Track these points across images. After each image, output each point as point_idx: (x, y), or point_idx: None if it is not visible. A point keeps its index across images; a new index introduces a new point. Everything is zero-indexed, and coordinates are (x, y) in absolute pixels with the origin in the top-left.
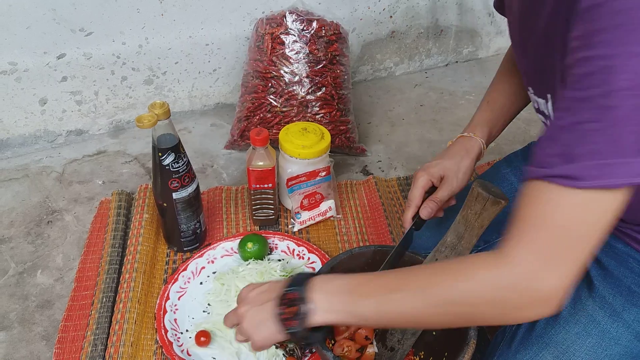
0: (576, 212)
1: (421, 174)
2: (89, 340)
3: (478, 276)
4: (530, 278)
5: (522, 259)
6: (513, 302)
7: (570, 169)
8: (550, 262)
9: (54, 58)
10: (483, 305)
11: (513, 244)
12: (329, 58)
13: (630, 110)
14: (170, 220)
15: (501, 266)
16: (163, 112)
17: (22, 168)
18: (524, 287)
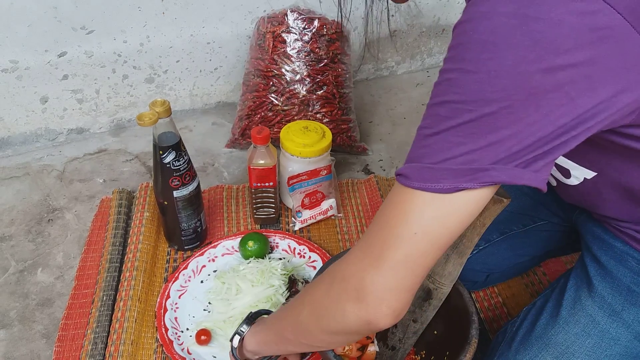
0: (403, 211)
1: None
2: (89, 338)
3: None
4: (354, 271)
5: (352, 255)
6: (340, 296)
7: (406, 167)
8: (374, 258)
9: (55, 56)
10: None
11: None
12: (330, 57)
13: (459, 122)
14: (171, 219)
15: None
16: (164, 110)
17: (23, 166)
18: (350, 279)
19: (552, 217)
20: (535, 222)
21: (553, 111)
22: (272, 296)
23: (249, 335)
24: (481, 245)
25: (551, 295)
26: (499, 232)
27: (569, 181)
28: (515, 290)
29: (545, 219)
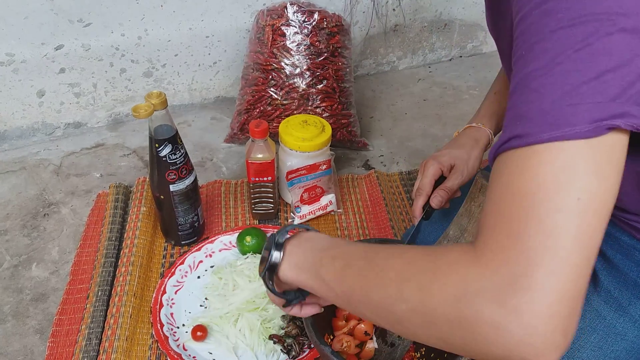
0: (547, 177)
1: (431, 163)
2: (84, 334)
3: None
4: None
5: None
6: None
7: (518, 127)
8: (527, 257)
9: (52, 49)
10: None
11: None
12: (330, 50)
13: (583, 45)
14: (167, 213)
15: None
16: (160, 102)
17: (19, 160)
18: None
19: None
20: None
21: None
22: None
23: (288, 269)
24: None
25: None
26: None
27: None
28: None
29: None
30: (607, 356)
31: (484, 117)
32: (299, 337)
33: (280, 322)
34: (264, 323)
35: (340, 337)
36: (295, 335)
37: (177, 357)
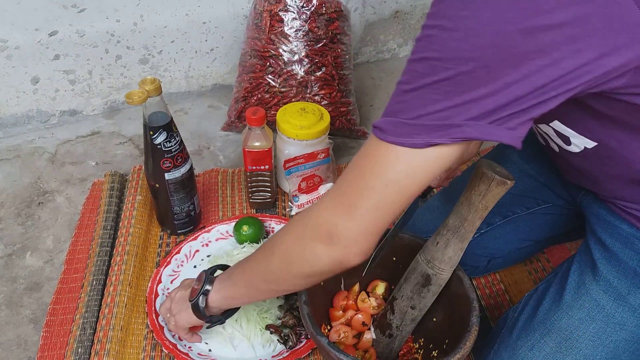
0: (376, 164)
1: None
2: (78, 323)
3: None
4: (328, 218)
5: (325, 204)
6: (310, 237)
7: (382, 121)
8: (347, 206)
9: (46, 35)
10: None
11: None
12: (329, 37)
13: (435, 80)
14: (163, 202)
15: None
16: (154, 88)
17: (13, 148)
18: (323, 225)
19: (557, 199)
20: (539, 205)
21: (533, 72)
22: None
23: (215, 293)
24: (482, 228)
25: (554, 280)
26: (501, 215)
27: (570, 148)
28: (518, 277)
29: (550, 202)
30: (606, 346)
31: None
32: (296, 327)
33: (277, 313)
34: (261, 313)
35: (337, 327)
36: (292, 325)
37: (172, 347)
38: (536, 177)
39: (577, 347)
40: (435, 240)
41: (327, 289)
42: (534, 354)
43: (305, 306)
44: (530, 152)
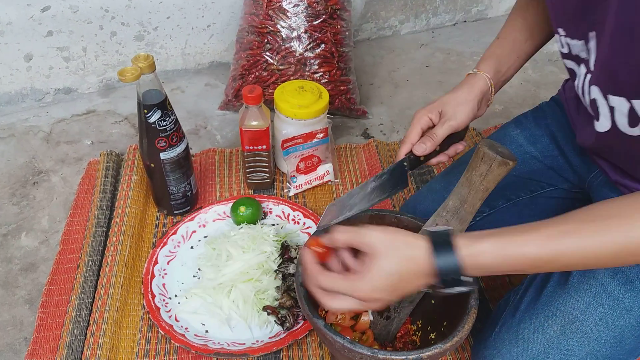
0: None
1: (419, 112)
2: (74, 304)
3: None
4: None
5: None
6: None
7: None
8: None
9: (38, 10)
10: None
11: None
12: (329, 12)
13: None
14: (158, 182)
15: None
16: (147, 65)
17: (7, 127)
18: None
19: (563, 182)
20: (543, 189)
21: None
22: (264, 263)
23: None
24: (485, 211)
25: None
26: (504, 198)
27: (633, 130)
28: None
29: (555, 185)
30: (612, 330)
31: (481, 63)
32: (293, 308)
33: (274, 294)
34: (258, 294)
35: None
36: (290, 306)
37: (168, 328)
38: (541, 159)
39: (582, 331)
40: (435, 221)
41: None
42: (537, 337)
43: (302, 288)
44: (535, 134)
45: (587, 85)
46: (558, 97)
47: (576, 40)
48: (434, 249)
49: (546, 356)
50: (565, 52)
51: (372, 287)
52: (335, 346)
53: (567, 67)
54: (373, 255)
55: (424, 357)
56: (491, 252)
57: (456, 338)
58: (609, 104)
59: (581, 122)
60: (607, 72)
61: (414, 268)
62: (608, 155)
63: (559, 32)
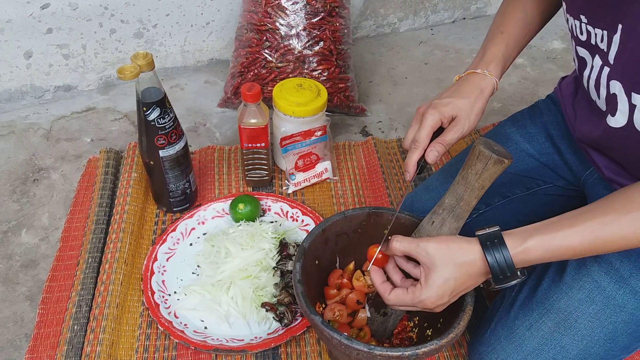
0: None
1: (431, 112)
2: (74, 301)
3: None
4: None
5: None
6: None
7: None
8: None
9: (38, 8)
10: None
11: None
12: (327, 10)
13: None
14: (158, 180)
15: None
16: (146, 63)
17: (7, 124)
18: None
19: (558, 180)
20: (539, 186)
21: None
22: (262, 260)
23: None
24: (481, 209)
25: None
26: (500, 195)
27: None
28: None
29: (550, 182)
30: (605, 327)
31: (490, 63)
32: (291, 305)
33: (272, 290)
34: (256, 291)
35: (332, 306)
36: (288, 303)
37: (168, 324)
38: (537, 156)
39: (576, 328)
40: (431, 219)
41: (322, 268)
42: (532, 334)
43: (300, 285)
44: (531, 132)
45: (604, 78)
46: (554, 95)
47: (599, 30)
48: (486, 252)
49: (540, 352)
50: (584, 39)
51: (436, 297)
52: (332, 342)
53: (579, 56)
54: (432, 265)
55: (420, 353)
56: (538, 247)
57: (452, 334)
58: (630, 101)
59: (587, 117)
60: (636, 70)
61: (471, 271)
62: (610, 151)
63: (581, 19)
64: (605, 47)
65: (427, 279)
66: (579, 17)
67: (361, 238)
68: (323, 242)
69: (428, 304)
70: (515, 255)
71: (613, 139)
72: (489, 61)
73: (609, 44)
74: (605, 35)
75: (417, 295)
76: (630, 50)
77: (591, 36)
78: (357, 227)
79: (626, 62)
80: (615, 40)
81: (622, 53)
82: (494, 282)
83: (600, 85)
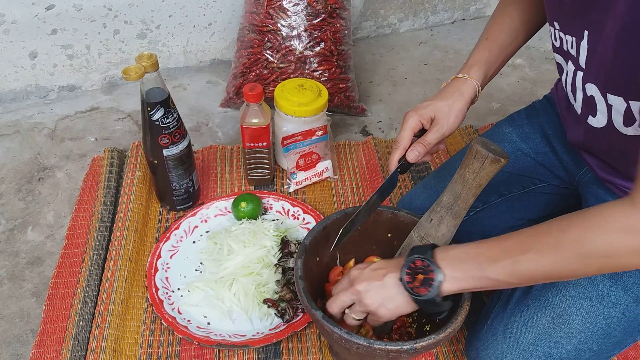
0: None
1: (411, 115)
2: (79, 297)
3: (610, 226)
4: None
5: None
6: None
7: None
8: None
9: (43, 9)
10: (622, 255)
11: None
12: (328, 11)
13: None
14: (161, 178)
15: (634, 214)
16: (151, 64)
17: (13, 124)
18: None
19: (554, 179)
20: (535, 185)
21: None
22: (264, 257)
23: (453, 283)
24: (478, 206)
25: None
26: (497, 193)
27: (627, 130)
28: None
29: (546, 181)
30: (598, 323)
31: (471, 67)
32: (292, 301)
33: (274, 287)
34: (258, 287)
35: None
36: (289, 299)
37: (171, 320)
38: (533, 156)
39: (570, 323)
40: (429, 217)
41: (322, 264)
42: (527, 329)
43: (301, 281)
44: (528, 132)
45: (579, 82)
46: (551, 96)
47: (569, 36)
48: (408, 253)
49: (535, 348)
50: (557, 45)
51: (358, 270)
52: (333, 337)
53: (556, 61)
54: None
55: (419, 347)
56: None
57: (449, 329)
58: (607, 102)
59: (572, 120)
60: (608, 72)
61: (386, 267)
62: (598, 152)
63: (555, 26)
64: (574, 53)
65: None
66: (553, 24)
67: (361, 236)
68: (324, 239)
69: (353, 278)
70: (442, 269)
71: (598, 140)
72: (470, 65)
73: (578, 49)
74: (574, 41)
75: (345, 275)
76: (600, 54)
77: (563, 42)
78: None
79: (598, 65)
80: (583, 45)
81: (593, 57)
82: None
83: (576, 88)
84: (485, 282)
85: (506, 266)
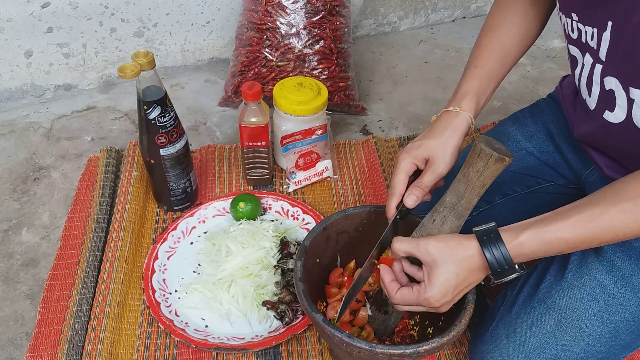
0: None
1: (403, 157)
2: (75, 299)
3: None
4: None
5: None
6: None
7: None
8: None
9: (38, 7)
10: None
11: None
12: (328, 9)
13: None
14: (158, 178)
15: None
16: (147, 61)
17: (8, 123)
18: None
19: (559, 178)
20: (539, 184)
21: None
22: (263, 258)
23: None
24: (482, 206)
25: (555, 259)
26: (501, 193)
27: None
28: None
29: (551, 181)
30: (607, 326)
31: (462, 99)
32: (292, 303)
33: (273, 289)
34: (257, 289)
35: (333, 304)
36: (289, 301)
37: (169, 323)
38: (537, 155)
39: (578, 326)
40: (432, 217)
41: (323, 266)
42: (533, 332)
43: (301, 283)
44: (532, 130)
45: (596, 75)
46: (555, 94)
47: (589, 27)
48: (483, 246)
49: (542, 351)
50: (575, 37)
51: (439, 294)
52: (334, 340)
53: (570, 54)
54: (434, 263)
55: (422, 351)
56: (532, 241)
57: (453, 332)
58: (629, 96)
59: (581, 116)
60: (632, 65)
61: (471, 266)
62: (609, 149)
63: (572, 17)
64: (595, 45)
65: (430, 277)
66: (570, 15)
67: (362, 236)
68: (324, 240)
69: (433, 302)
70: (512, 249)
71: (612, 136)
72: (461, 97)
73: (599, 41)
74: (595, 32)
75: (421, 294)
76: (625, 46)
77: (582, 34)
78: (358, 226)
79: (621, 57)
80: (605, 37)
81: (616, 49)
82: (493, 276)
83: (592, 82)
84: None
85: (578, 229)
